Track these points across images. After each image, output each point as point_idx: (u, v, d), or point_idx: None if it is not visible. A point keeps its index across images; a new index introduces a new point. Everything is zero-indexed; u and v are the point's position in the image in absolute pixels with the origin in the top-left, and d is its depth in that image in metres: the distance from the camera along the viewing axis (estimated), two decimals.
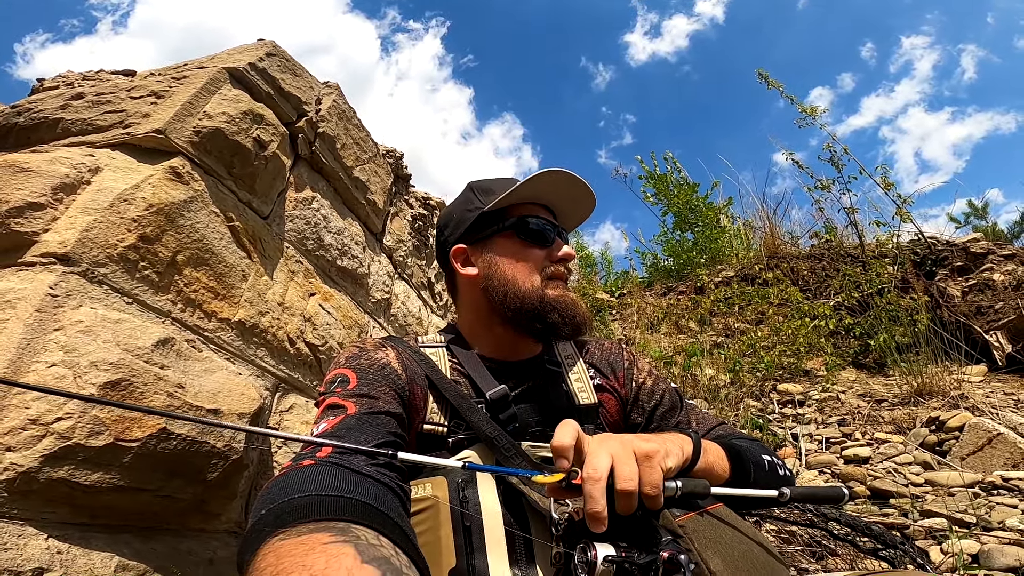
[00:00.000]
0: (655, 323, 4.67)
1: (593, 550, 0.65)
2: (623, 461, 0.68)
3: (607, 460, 0.67)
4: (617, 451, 0.69)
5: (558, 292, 1.04)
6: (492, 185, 1.11)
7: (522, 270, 1.05)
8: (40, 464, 1.03)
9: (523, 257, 1.05)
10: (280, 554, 0.51)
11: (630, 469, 0.67)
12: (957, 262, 4.10)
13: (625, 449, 0.69)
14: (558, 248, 1.07)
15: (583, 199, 1.10)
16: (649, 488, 0.67)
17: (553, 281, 1.05)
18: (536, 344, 1.10)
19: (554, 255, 1.06)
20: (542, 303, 1.02)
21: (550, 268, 1.05)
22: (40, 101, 1.45)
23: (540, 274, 1.04)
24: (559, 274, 1.06)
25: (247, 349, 1.56)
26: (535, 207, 1.09)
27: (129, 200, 1.27)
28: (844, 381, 3.51)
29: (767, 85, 5.02)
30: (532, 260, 1.05)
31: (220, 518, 1.41)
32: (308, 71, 1.96)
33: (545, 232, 1.07)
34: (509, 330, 1.05)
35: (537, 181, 1.05)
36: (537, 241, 1.06)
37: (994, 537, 1.62)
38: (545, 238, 1.07)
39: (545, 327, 1.02)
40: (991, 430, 2.24)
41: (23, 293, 1.10)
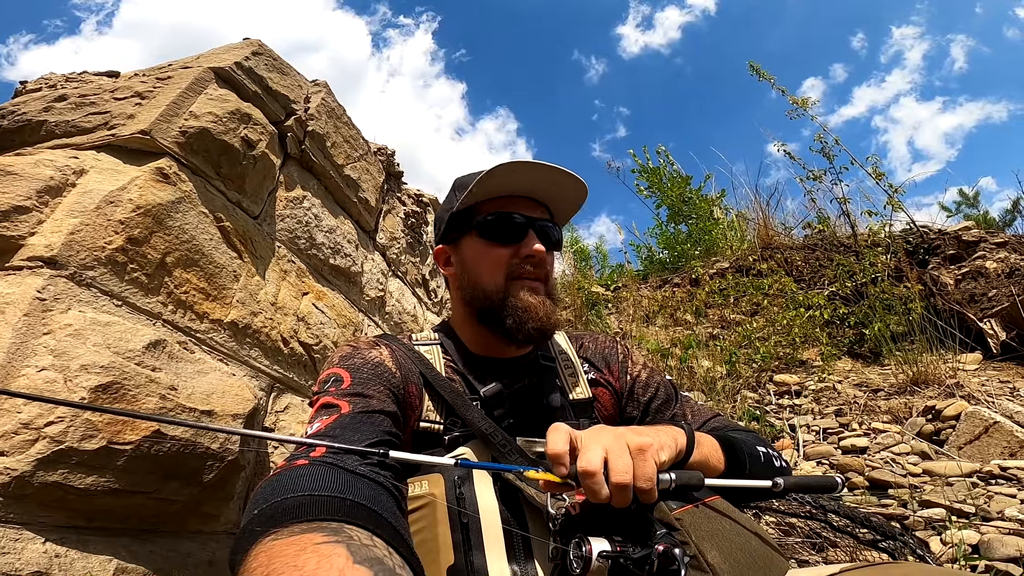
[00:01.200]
0: (651, 316, 4.68)
1: (588, 545, 0.65)
2: (617, 454, 0.68)
3: (600, 453, 0.67)
4: (611, 444, 0.69)
5: (523, 295, 0.99)
6: (468, 179, 1.06)
7: (486, 269, 1.02)
8: (34, 468, 1.02)
9: (487, 256, 1.02)
10: (272, 554, 0.51)
11: (624, 462, 0.67)
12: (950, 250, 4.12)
13: (619, 442, 0.69)
14: (527, 244, 1.00)
15: (565, 184, 1.03)
16: (643, 481, 0.67)
17: (522, 281, 1.00)
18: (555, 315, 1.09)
19: (521, 252, 1.00)
20: (502, 305, 0.99)
21: (518, 267, 1.00)
22: (23, 104, 1.43)
23: (505, 273, 1.00)
24: (529, 274, 1.01)
25: (240, 350, 1.54)
26: (509, 201, 1.03)
27: (116, 202, 1.26)
28: (840, 371, 3.52)
29: (758, 77, 5.02)
30: (495, 259, 1.01)
31: (218, 519, 1.40)
32: (296, 69, 1.95)
33: (508, 229, 1.01)
34: (486, 329, 1.03)
35: (504, 174, 0.99)
36: (500, 239, 1.01)
37: (993, 527, 1.62)
38: (508, 235, 1.01)
39: (503, 330, 0.99)
40: (987, 419, 2.25)
41: (10, 297, 1.09)
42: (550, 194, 1.05)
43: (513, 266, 1.00)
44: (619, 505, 0.66)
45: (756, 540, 0.76)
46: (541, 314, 0.98)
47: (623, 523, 0.70)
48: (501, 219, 1.01)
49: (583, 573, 0.65)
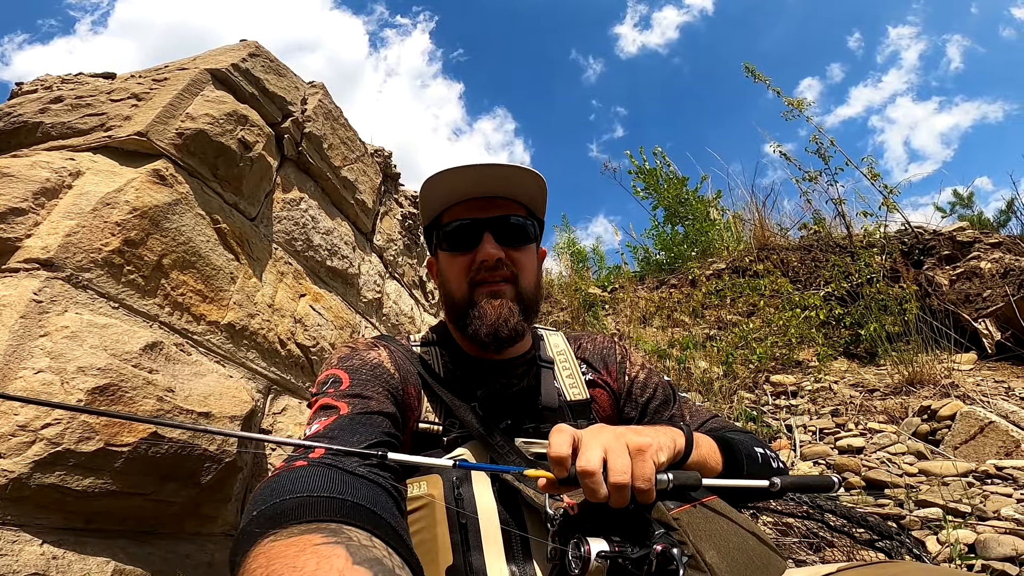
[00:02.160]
0: (647, 317, 4.69)
1: (586, 545, 0.65)
2: (616, 454, 0.68)
3: (600, 453, 0.67)
4: (610, 443, 0.69)
5: (482, 301, 0.98)
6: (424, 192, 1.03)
7: (452, 279, 1.02)
8: (31, 470, 1.02)
9: (452, 266, 1.02)
10: (271, 555, 0.51)
11: (623, 462, 0.67)
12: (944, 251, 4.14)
13: (618, 442, 0.69)
14: (480, 250, 0.98)
15: (515, 176, 1.00)
16: (641, 482, 0.67)
17: (483, 286, 0.99)
18: (525, 341, 1.10)
19: (477, 258, 0.99)
20: (466, 311, 0.99)
21: (477, 272, 0.99)
22: (19, 105, 1.43)
23: (467, 280, 1.00)
24: (489, 278, 0.99)
25: (237, 351, 1.54)
26: (468, 205, 1.01)
27: (112, 204, 1.25)
28: (836, 371, 3.53)
29: (754, 79, 5.03)
30: (457, 268, 1.01)
31: (216, 521, 1.40)
32: (293, 71, 1.94)
33: (464, 236, 1.00)
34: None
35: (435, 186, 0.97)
36: (458, 247, 1.00)
37: (989, 526, 1.63)
38: (465, 242, 1.00)
39: (469, 335, 0.99)
40: (983, 419, 2.26)
41: (7, 299, 1.09)
42: (507, 189, 1.02)
43: (473, 272, 0.99)
44: (617, 505, 0.67)
45: (754, 540, 0.77)
46: (492, 319, 0.96)
47: (621, 523, 0.70)
48: (456, 227, 1.00)
49: (581, 573, 0.65)
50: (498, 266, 0.99)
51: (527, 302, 1.02)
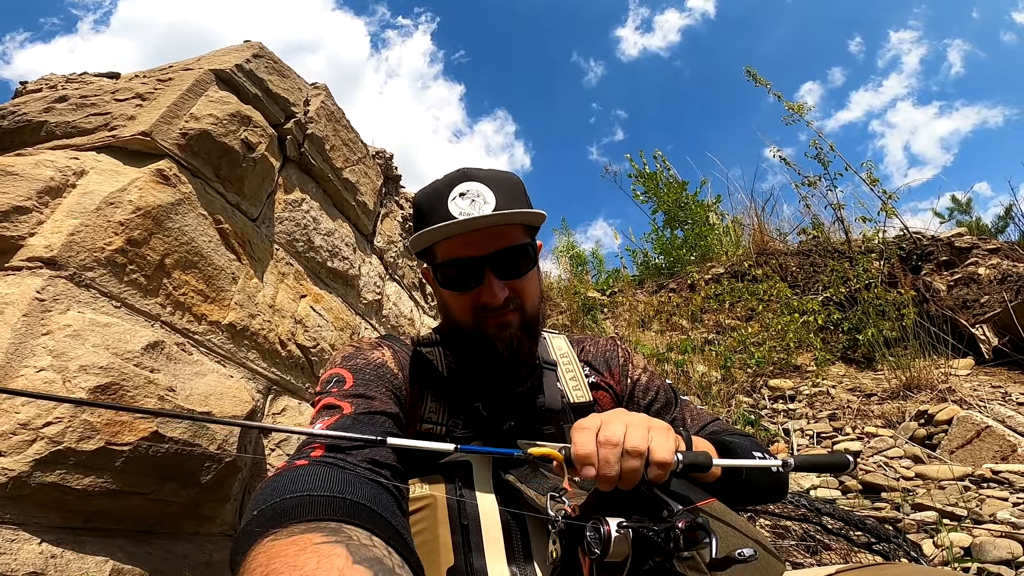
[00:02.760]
0: (646, 321, 4.69)
1: (606, 525, 0.65)
2: (635, 428, 0.70)
3: (622, 428, 0.69)
4: (632, 420, 0.71)
5: (492, 332, 0.95)
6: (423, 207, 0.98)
7: (454, 311, 0.99)
8: (31, 468, 1.02)
9: (452, 302, 0.98)
10: (271, 554, 0.51)
11: (640, 435, 0.69)
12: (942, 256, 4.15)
13: (639, 419, 0.72)
14: (482, 291, 0.93)
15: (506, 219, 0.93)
16: (661, 453, 0.68)
17: (493, 318, 0.95)
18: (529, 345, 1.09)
19: (481, 300, 0.94)
20: (474, 341, 0.97)
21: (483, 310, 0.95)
22: (23, 104, 1.43)
23: (472, 317, 0.96)
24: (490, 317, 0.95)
25: (238, 352, 1.54)
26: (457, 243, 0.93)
27: (116, 203, 1.26)
28: (834, 376, 3.54)
29: (755, 83, 5.05)
30: (460, 306, 0.97)
31: (215, 521, 1.40)
32: (296, 72, 1.95)
33: (464, 276, 0.94)
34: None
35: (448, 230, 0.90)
36: (459, 287, 0.96)
37: (985, 530, 1.64)
38: (466, 282, 0.95)
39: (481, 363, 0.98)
40: (979, 423, 2.27)
41: (10, 298, 1.09)
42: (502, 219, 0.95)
43: (478, 310, 0.96)
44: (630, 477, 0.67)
45: (752, 543, 0.77)
46: (506, 354, 0.95)
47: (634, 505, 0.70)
48: (454, 267, 0.95)
49: (604, 552, 0.64)
50: (504, 304, 0.95)
51: (532, 323, 1.00)
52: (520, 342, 0.97)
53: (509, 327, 0.96)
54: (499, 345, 0.95)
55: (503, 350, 0.95)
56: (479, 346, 0.96)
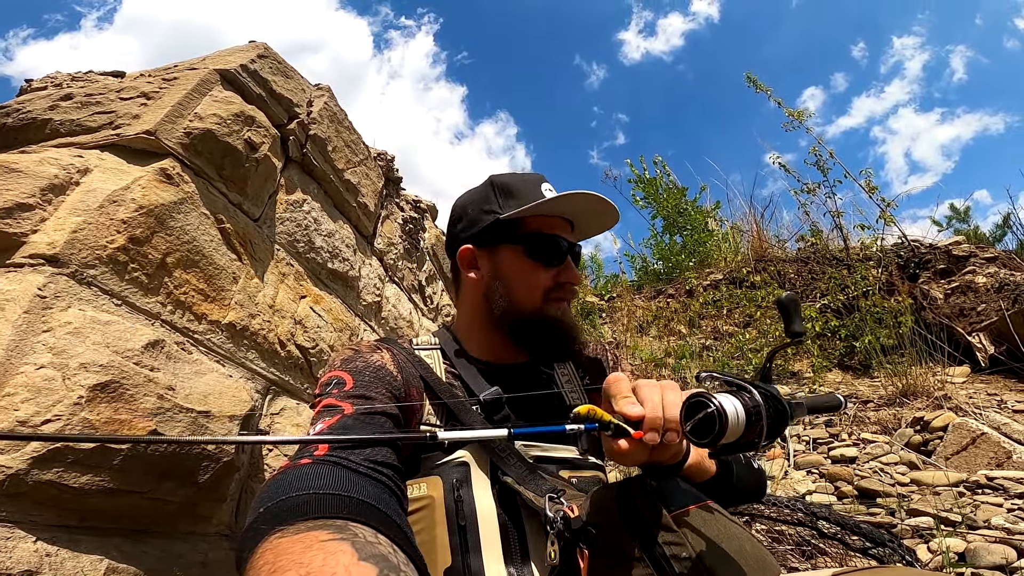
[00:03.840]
0: (644, 326, 4.70)
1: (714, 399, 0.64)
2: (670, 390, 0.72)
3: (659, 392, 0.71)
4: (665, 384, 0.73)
5: (558, 313, 1.02)
6: (513, 186, 1.06)
7: (525, 287, 1.02)
8: (29, 466, 1.02)
9: (528, 274, 1.02)
10: (278, 552, 0.51)
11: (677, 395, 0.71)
12: (940, 265, 4.17)
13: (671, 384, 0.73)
14: (566, 270, 1.03)
15: (605, 215, 1.07)
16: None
17: (555, 303, 1.03)
18: None
19: (560, 277, 1.03)
20: (541, 322, 1.01)
21: (556, 289, 1.02)
22: (28, 102, 1.44)
23: (543, 294, 1.02)
24: (563, 296, 1.04)
25: (237, 351, 1.55)
26: (554, 221, 1.05)
27: (119, 201, 1.26)
28: (830, 382, 3.55)
29: (756, 89, 5.07)
30: (537, 279, 1.02)
31: (210, 521, 1.39)
32: (299, 73, 1.96)
33: (556, 254, 1.03)
34: (507, 338, 1.04)
35: (565, 201, 1.01)
36: (546, 261, 1.02)
37: (980, 535, 1.64)
38: (552, 258, 1.03)
39: (539, 345, 1.02)
40: (975, 430, 2.28)
41: (11, 294, 1.09)
42: (587, 220, 1.09)
43: (553, 289, 1.03)
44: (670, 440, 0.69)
45: (750, 543, 0.77)
46: (576, 331, 1.04)
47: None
48: (549, 242, 1.03)
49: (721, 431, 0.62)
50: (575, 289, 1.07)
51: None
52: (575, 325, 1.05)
53: (568, 313, 1.05)
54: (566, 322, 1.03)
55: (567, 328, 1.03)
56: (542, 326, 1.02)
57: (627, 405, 0.68)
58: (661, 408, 0.68)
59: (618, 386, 0.71)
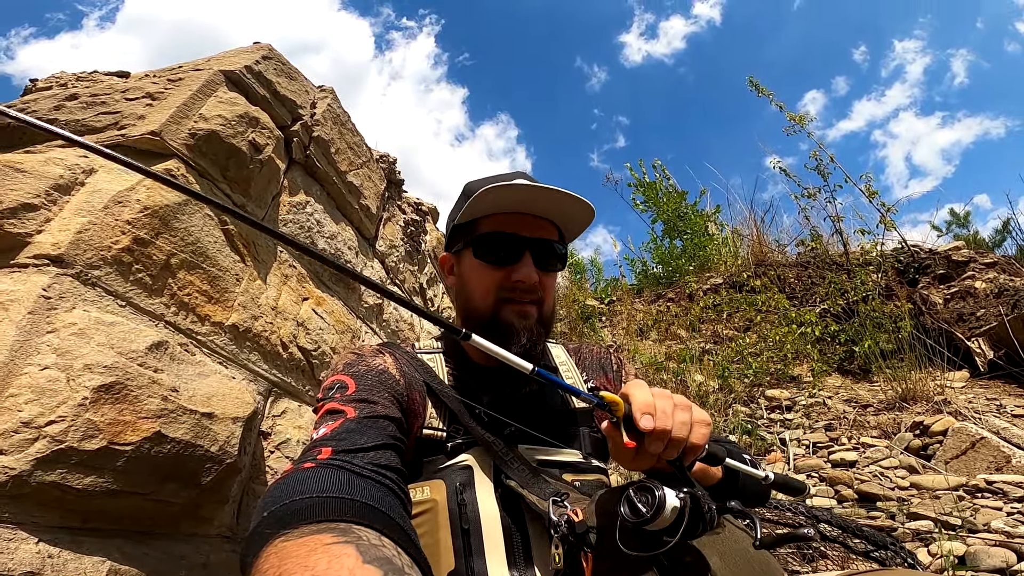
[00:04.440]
0: (644, 330, 4.70)
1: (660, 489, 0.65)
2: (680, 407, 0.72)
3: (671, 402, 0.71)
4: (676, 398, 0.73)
5: (512, 318, 0.98)
6: (471, 189, 1.04)
7: (477, 289, 1.01)
8: (32, 467, 1.02)
9: (480, 275, 1.01)
10: (283, 555, 0.52)
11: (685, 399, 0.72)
12: (939, 270, 4.18)
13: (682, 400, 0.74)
14: (518, 268, 0.98)
15: (570, 205, 1.00)
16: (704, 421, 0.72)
17: (512, 305, 0.99)
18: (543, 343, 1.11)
19: (512, 276, 0.98)
20: (491, 326, 0.99)
21: (509, 291, 0.99)
22: (33, 102, 1.44)
23: (495, 296, 1.00)
24: (521, 298, 0.99)
25: (240, 353, 1.55)
26: (510, 218, 1.00)
27: (124, 202, 1.26)
28: (830, 387, 3.56)
29: (757, 93, 5.09)
30: (487, 280, 1.00)
31: (212, 522, 1.39)
32: (303, 75, 1.97)
33: (504, 251, 0.99)
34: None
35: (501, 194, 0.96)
36: (493, 260, 1.00)
37: (980, 539, 1.65)
38: (502, 257, 0.99)
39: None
40: (974, 434, 2.29)
41: (16, 295, 1.09)
42: (556, 213, 1.03)
43: (504, 289, 0.99)
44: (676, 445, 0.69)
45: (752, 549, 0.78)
46: (524, 341, 0.97)
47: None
48: (496, 239, 1.00)
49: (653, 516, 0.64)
50: (531, 289, 0.99)
51: (548, 324, 1.04)
52: (538, 335, 0.99)
53: (528, 317, 0.99)
54: (520, 330, 0.97)
55: (522, 337, 0.97)
56: (496, 333, 0.97)
57: (644, 420, 0.68)
58: (671, 420, 0.68)
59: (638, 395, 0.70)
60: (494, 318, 0.99)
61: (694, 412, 0.73)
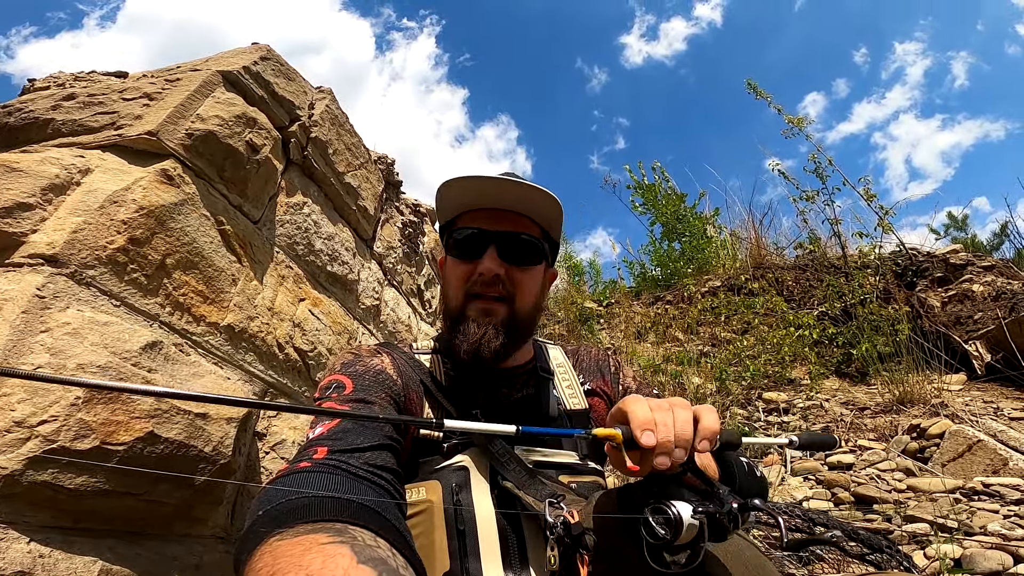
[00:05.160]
0: (642, 332, 4.70)
1: (674, 508, 0.64)
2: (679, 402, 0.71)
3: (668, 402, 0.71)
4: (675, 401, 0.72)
5: (471, 316, 0.97)
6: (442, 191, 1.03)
7: (452, 285, 1.02)
8: (24, 467, 1.01)
9: (453, 272, 1.02)
10: (277, 554, 0.51)
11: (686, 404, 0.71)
12: (937, 273, 4.19)
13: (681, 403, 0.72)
14: (480, 263, 0.98)
15: (533, 196, 0.99)
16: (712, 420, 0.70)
17: (477, 301, 0.98)
18: (526, 351, 1.11)
19: (474, 272, 0.98)
20: (457, 321, 0.99)
21: (475, 285, 0.98)
22: (31, 101, 1.44)
23: (464, 291, 0.99)
24: (485, 292, 0.98)
25: (236, 354, 1.54)
26: (481, 215, 1.00)
27: (119, 202, 1.26)
28: (827, 390, 3.56)
29: (756, 95, 5.10)
30: (457, 276, 1.00)
31: (206, 523, 1.39)
32: (302, 75, 1.97)
33: (470, 245, 0.99)
34: None
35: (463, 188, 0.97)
36: (462, 255, 1.00)
37: (976, 542, 1.65)
38: (469, 251, 0.99)
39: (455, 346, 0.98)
40: (971, 437, 2.29)
41: (10, 294, 1.09)
42: (522, 206, 1.01)
43: (471, 284, 0.99)
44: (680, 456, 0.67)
45: (749, 549, 0.78)
46: (473, 340, 0.96)
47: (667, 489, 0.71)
48: (462, 234, 1.00)
49: (675, 536, 0.63)
50: (495, 282, 0.98)
51: (520, 323, 1.01)
52: (495, 334, 0.96)
53: (492, 316, 0.97)
54: (473, 329, 0.95)
55: (474, 337, 0.95)
56: (458, 329, 0.97)
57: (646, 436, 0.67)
58: (672, 432, 0.67)
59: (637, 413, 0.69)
60: (461, 314, 0.99)
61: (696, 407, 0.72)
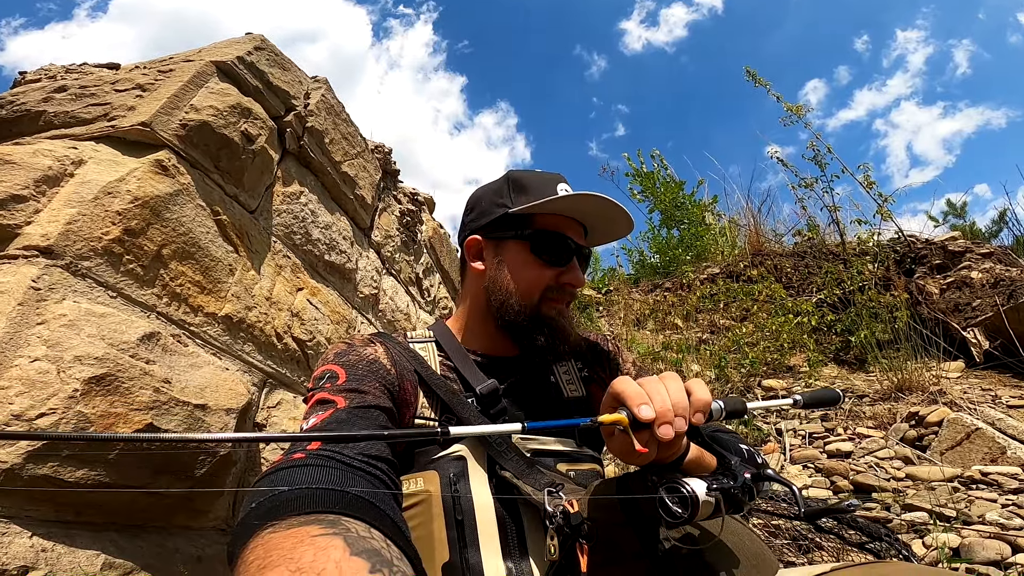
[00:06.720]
0: (641, 320, 4.71)
1: (688, 486, 0.65)
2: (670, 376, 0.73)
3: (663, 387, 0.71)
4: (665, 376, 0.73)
5: (553, 313, 1.01)
6: (528, 182, 1.06)
7: (525, 282, 1.02)
8: (23, 461, 1.01)
9: (530, 271, 1.02)
10: (269, 547, 0.51)
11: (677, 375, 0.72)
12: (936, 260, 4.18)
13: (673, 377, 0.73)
14: (569, 272, 1.02)
15: (618, 222, 1.06)
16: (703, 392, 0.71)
17: (552, 303, 1.02)
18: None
19: (562, 278, 1.02)
20: (535, 320, 1.01)
21: (555, 290, 1.02)
22: (22, 94, 1.42)
23: (541, 293, 1.01)
24: (562, 297, 1.03)
25: (234, 344, 1.54)
26: (564, 221, 1.04)
27: (114, 193, 1.25)
28: (826, 377, 3.56)
29: (755, 83, 5.06)
30: (538, 277, 1.01)
31: (207, 515, 1.39)
32: (297, 65, 1.94)
33: (562, 253, 1.02)
34: (503, 332, 1.04)
35: (576, 201, 1.01)
36: (550, 260, 1.02)
37: (974, 531, 1.65)
38: (558, 258, 1.02)
39: (529, 344, 1.01)
40: (970, 425, 2.29)
41: (5, 286, 1.08)
42: (601, 225, 1.07)
43: (551, 288, 1.02)
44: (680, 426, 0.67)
45: (748, 538, 0.78)
46: (572, 337, 1.02)
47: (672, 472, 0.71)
48: (557, 241, 1.02)
49: (692, 514, 0.64)
50: (575, 293, 1.06)
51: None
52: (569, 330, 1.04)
53: (565, 316, 1.04)
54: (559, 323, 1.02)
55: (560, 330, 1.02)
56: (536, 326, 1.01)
57: (643, 410, 0.67)
58: (668, 401, 0.68)
59: (629, 390, 0.69)
60: (536, 313, 1.01)
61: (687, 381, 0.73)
